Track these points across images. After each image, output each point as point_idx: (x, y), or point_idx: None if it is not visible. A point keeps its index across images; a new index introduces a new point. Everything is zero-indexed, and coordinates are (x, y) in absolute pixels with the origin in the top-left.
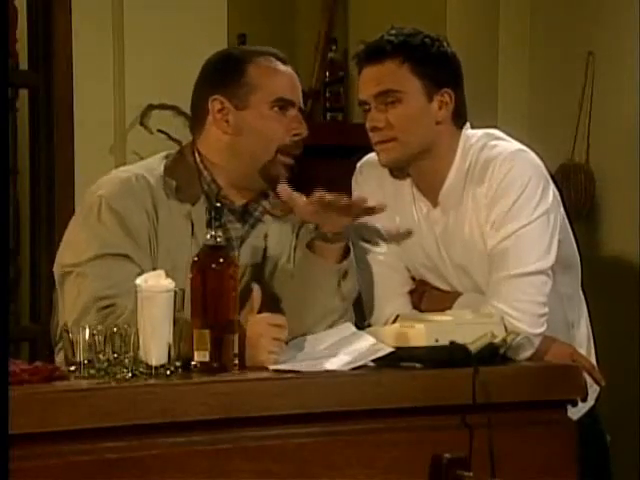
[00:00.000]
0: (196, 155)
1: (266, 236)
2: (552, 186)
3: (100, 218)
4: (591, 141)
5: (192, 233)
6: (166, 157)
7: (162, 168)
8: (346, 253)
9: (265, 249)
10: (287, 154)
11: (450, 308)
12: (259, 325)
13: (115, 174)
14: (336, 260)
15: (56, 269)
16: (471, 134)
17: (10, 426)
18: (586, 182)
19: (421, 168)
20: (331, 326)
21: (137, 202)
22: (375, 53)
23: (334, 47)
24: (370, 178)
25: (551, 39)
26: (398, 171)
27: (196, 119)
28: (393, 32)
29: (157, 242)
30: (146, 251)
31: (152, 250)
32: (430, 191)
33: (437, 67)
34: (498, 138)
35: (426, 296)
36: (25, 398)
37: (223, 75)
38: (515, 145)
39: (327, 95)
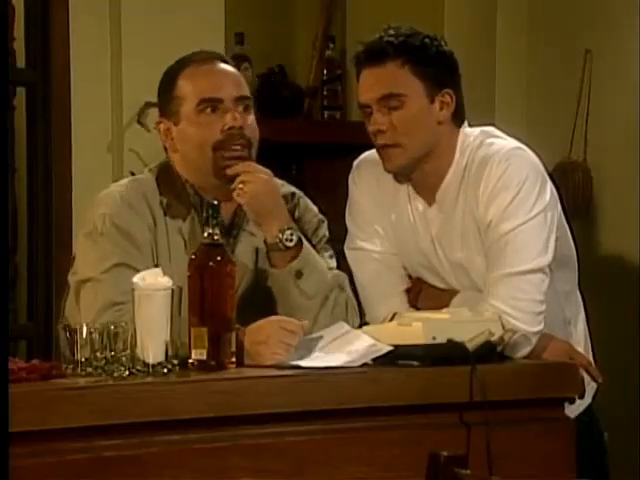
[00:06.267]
0: (176, 171)
1: (257, 250)
2: (549, 184)
3: (107, 235)
4: (588, 139)
5: (185, 248)
6: (150, 171)
7: (155, 184)
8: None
9: (256, 262)
10: (226, 148)
11: (447, 306)
12: (271, 326)
13: (115, 190)
14: (288, 264)
15: (71, 279)
16: (469, 132)
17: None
18: (583, 180)
19: (422, 169)
20: (316, 323)
21: (140, 218)
22: (376, 55)
23: (332, 45)
24: (367, 176)
25: (548, 37)
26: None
27: (162, 142)
28: (392, 32)
29: (157, 258)
30: (151, 264)
31: (154, 264)
32: (427, 190)
33: (437, 67)
34: (495, 136)
35: (423, 294)
36: (23, 396)
37: (161, 96)
38: (512, 143)
39: (325, 93)
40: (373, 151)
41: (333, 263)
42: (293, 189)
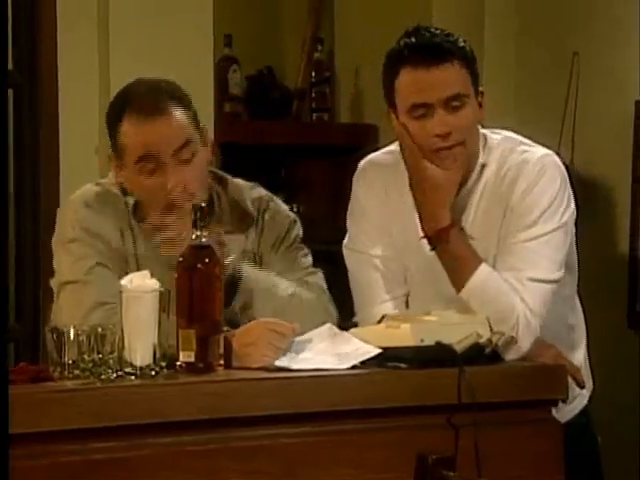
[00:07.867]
0: None
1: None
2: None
3: (79, 240)
4: (576, 142)
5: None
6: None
7: (119, 187)
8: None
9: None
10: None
11: None
12: (260, 328)
13: (79, 195)
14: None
15: (53, 284)
16: (488, 134)
17: None
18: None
19: None
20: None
21: (107, 219)
22: (439, 54)
23: (320, 47)
24: (374, 179)
25: (536, 40)
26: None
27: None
28: (438, 32)
29: (126, 259)
30: (123, 264)
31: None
32: None
33: (475, 68)
34: (523, 143)
35: None
36: (13, 398)
37: (109, 125)
38: (542, 149)
39: (313, 95)
40: (378, 153)
41: (308, 261)
42: (262, 192)
